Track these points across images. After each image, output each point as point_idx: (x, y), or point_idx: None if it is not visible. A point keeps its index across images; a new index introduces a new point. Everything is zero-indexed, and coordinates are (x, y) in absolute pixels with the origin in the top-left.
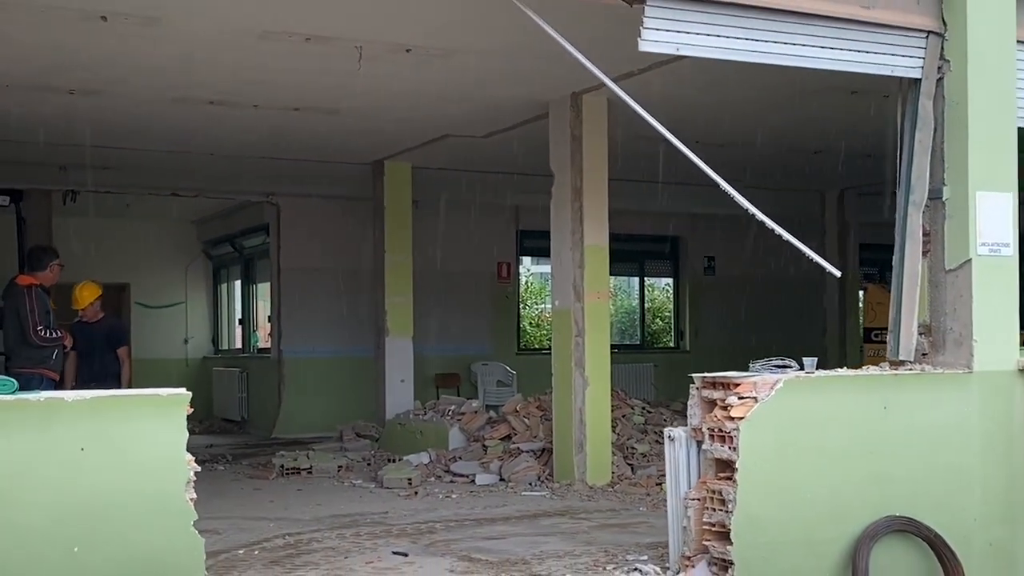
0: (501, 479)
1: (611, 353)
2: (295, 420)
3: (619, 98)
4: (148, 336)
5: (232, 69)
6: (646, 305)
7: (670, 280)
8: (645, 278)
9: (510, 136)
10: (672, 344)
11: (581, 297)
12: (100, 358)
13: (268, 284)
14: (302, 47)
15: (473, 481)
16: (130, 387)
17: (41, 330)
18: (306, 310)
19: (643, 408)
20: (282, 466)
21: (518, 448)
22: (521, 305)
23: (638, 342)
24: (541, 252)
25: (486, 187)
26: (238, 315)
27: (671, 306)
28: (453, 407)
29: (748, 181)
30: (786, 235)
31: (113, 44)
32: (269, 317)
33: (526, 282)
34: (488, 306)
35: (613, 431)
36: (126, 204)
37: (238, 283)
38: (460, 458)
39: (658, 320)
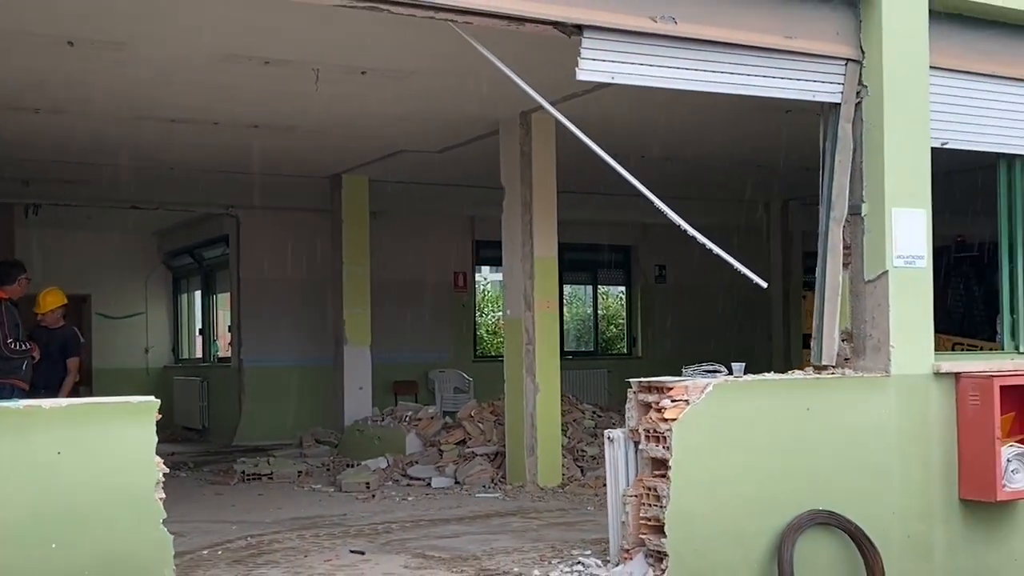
0: (456, 482)
1: (565, 360)
2: (255, 428)
3: (565, 116)
4: (109, 346)
5: (194, 89)
6: (600, 312)
7: (623, 288)
8: (598, 286)
9: (464, 151)
10: (625, 350)
11: (532, 307)
12: (52, 365)
13: (228, 294)
14: (262, 69)
15: (429, 484)
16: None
17: (11, 343)
18: (266, 320)
19: (594, 412)
20: (243, 472)
21: (472, 452)
22: (478, 313)
23: (592, 349)
24: (497, 262)
25: (442, 199)
26: (198, 325)
27: (624, 313)
28: (410, 413)
29: (695, 193)
30: (714, 247)
31: (79, 67)
32: (229, 327)
33: (483, 291)
34: (445, 315)
35: (564, 435)
36: (87, 217)
37: (198, 293)
38: (417, 462)
39: (612, 327)
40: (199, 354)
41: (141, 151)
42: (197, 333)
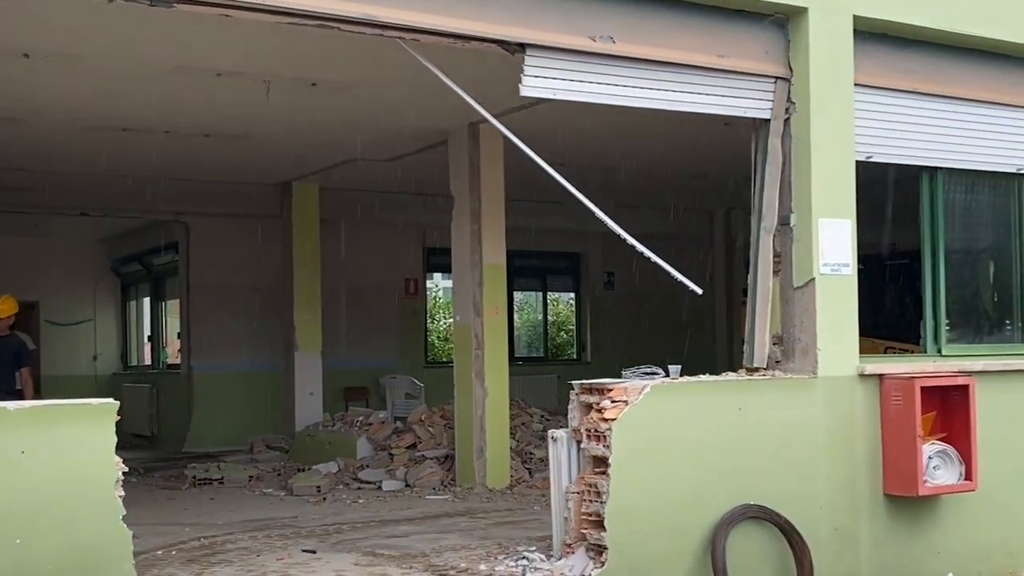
0: (407, 485)
1: (516, 365)
2: (206, 434)
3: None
4: (57, 353)
5: (146, 100)
6: (551, 319)
7: (572, 294)
8: (548, 293)
9: (414, 160)
10: (574, 356)
11: (480, 313)
12: (4, 371)
13: (177, 301)
14: (213, 81)
15: (380, 487)
16: None
17: None
18: (216, 326)
19: (542, 416)
20: (194, 477)
21: (423, 455)
22: (429, 320)
23: (542, 354)
24: (448, 268)
25: (393, 207)
26: (147, 332)
27: (574, 319)
28: (361, 418)
29: (644, 202)
30: (651, 255)
31: (33, 78)
32: (179, 334)
33: (434, 297)
34: (396, 321)
35: (513, 438)
36: (35, 223)
37: (147, 300)
38: (368, 466)
39: (562, 333)
40: (148, 361)
41: (92, 159)
42: (146, 340)
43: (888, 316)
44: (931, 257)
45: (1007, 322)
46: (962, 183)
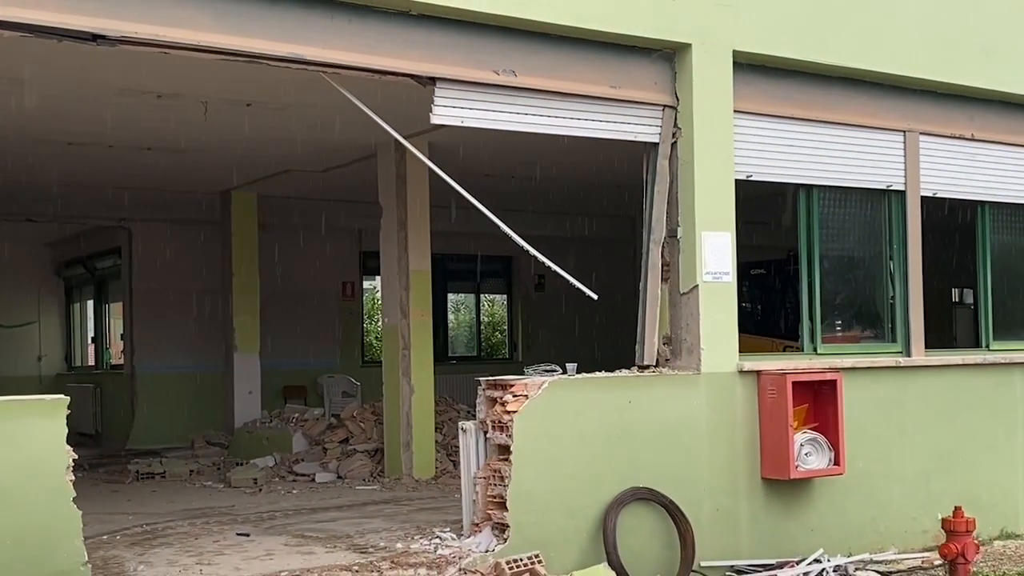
0: (338, 476)
1: (450, 364)
2: (148, 432)
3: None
4: (2, 354)
5: (90, 118)
6: (486, 319)
7: (505, 296)
8: (481, 295)
9: (346, 171)
10: (507, 355)
11: (407, 315)
12: None
13: (120, 304)
14: (154, 101)
15: (313, 479)
16: None
17: None
18: (158, 328)
19: (468, 412)
20: (137, 471)
21: (354, 449)
22: (366, 320)
23: (475, 353)
24: None
25: (330, 212)
26: (91, 334)
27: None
28: (296, 415)
29: (569, 208)
30: (547, 262)
31: None
32: (122, 335)
33: (371, 299)
34: (334, 322)
35: (439, 432)
36: None
37: (91, 303)
38: (303, 460)
39: (497, 333)
40: (92, 362)
41: (37, 169)
42: (90, 341)
43: (786, 318)
44: (807, 265)
45: (879, 323)
46: (837, 199)
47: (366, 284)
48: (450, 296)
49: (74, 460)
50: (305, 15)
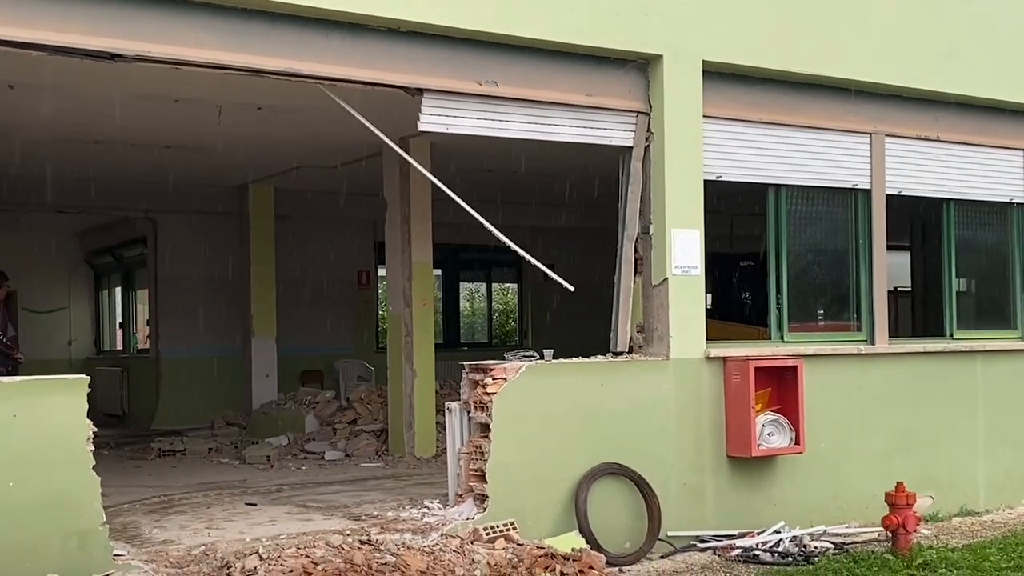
0: (346, 455)
1: (462, 351)
2: (172, 413)
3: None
4: (34, 339)
5: (116, 120)
6: (500, 307)
7: (515, 285)
8: (492, 284)
9: (357, 167)
10: (517, 342)
11: (410, 304)
12: None
13: (146, 291)
14: (172, 106)
15: (323, 457)
16: None
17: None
18: (182, 314)
19: None
20: (159, 449)
21: (361, 429)
22: (381, 308)
23: (486, 340)
24: None
25: (345, 204)
26: (119, 319)
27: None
28: (309, 397)
29: (573, 200)
30: (526, 255)
31: (18, 103)
32: (148, 321)
33: (385, 287)
34: (350, 310)
35: (441, 414)
36: (15, 219)
37: (118, 290)
38: (314, 439)
39: (510, 321)
40: (119, 346)
41: (67, 165)
42: (117, 327)
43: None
44: (775, 259)
45: (845, 313)
46: (804, 197)
47: (381, 273)
48: (463, 285)
49: (94, 432)
50: (303, 33)
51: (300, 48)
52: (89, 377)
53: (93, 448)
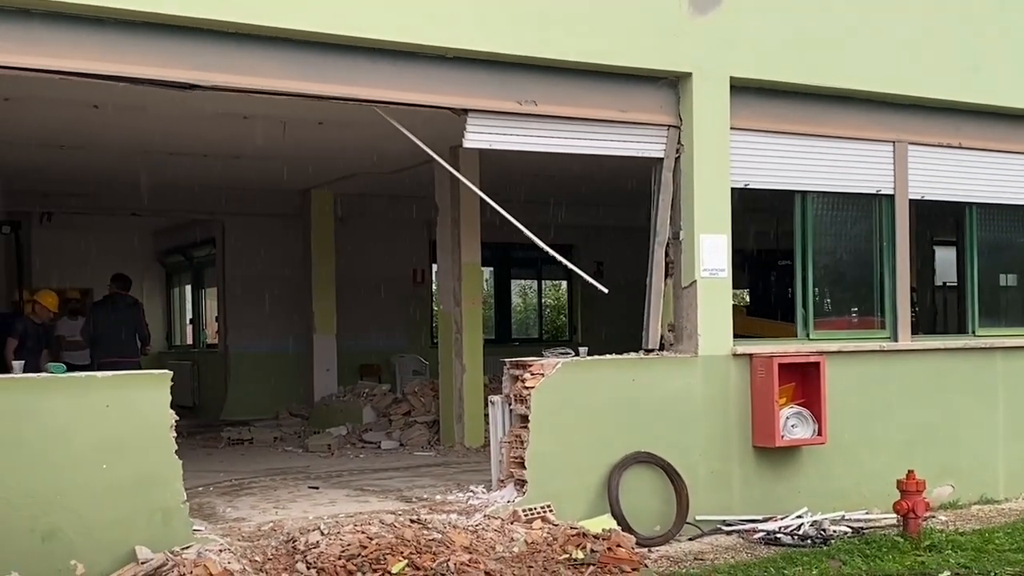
0: (401, 444)
1: (512, 346)
2: (239, 405)
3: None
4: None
5: (190, 134)
6: (552, 304)
7: (565, 282)
8: (543, 280)
9: (412, 172)
10: (567, 338)
11: (460, 303)
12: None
13: (215, 289)
14: (242, 121)
15: (379, 446)
16: None
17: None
18: (248, 311)
19: None
20: (228, 438)
21: (414, 420)
22: (434, 305)
23: (536, 336)
24: None
25: (400, 207)
26: (189, 315)
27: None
28: (367, 390)
29: (624, 200)
30: (562, 260)
31: (102, 121)
32: (216, 317)
33: (439, 285)
34: (406, 306)
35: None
36: (91, 222)
37: (188, 288)
38: (371, 429)
39: (561, 317)
40: (189, 341)
41: (142, 173)
42: (188, 322)
43: None
44: (801, 262)
45: (870, 312)
46: (830, 203)
47: (435, 268)
48: (515, 282)
49: (176, 420)
50: (357, 61)
51: (355, 75)
52: (171, 372)
53: (175, 434)
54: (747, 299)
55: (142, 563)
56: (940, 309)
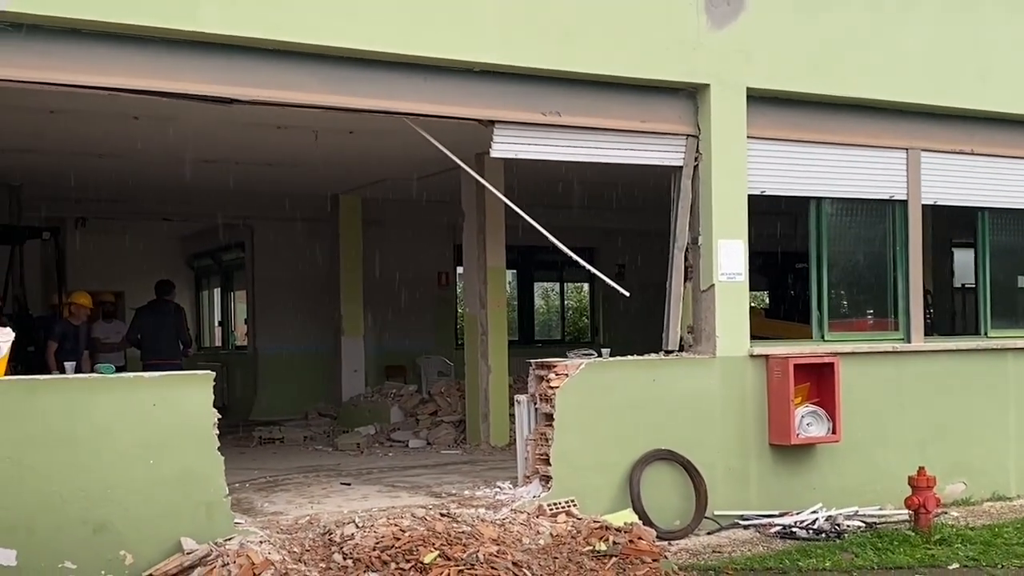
0: (427, 443)
1: (536, 347)
2: (269, 405)
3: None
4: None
5: (222, 143)
6: (575, 305)
7: (587, 284)
8: (565, 283)
9: (438, 178)
10: (589, 339)
11: (485, 306)
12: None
13: (244, 291)
14: (275, 131)
15: (407, 445)
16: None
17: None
18: (277, 313)
19: None
20: (260, 437)
21: (441, 420)
22: (459, 307)
23: (559, 337)
24: None
25: (426, 211)
26: (218, 318)
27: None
28: (394, 391)
29: (644, 204)
30: (583, 262)
31: (140, 132)
32: (245, 319)
33: (463, 287)
34: (431, 309)
35: (514, 406)
36: (124, 226)
37: (217, 290)
38: (398, 429)
39: (583, 318)
40: (218, 343)
41: (176, 180)
42: (216, 324)
43: None
44: (816, 265)
45: (884, 314)
46: (844, 208)
47: (459, 271)
48: (538, 284)
49: (219, 419)
50: (390, 76)
51: (389, 88)
52: (214, 373)
53: (217, 431)
54: (767, 301)
55: (187, 553)
56: (960, 310)
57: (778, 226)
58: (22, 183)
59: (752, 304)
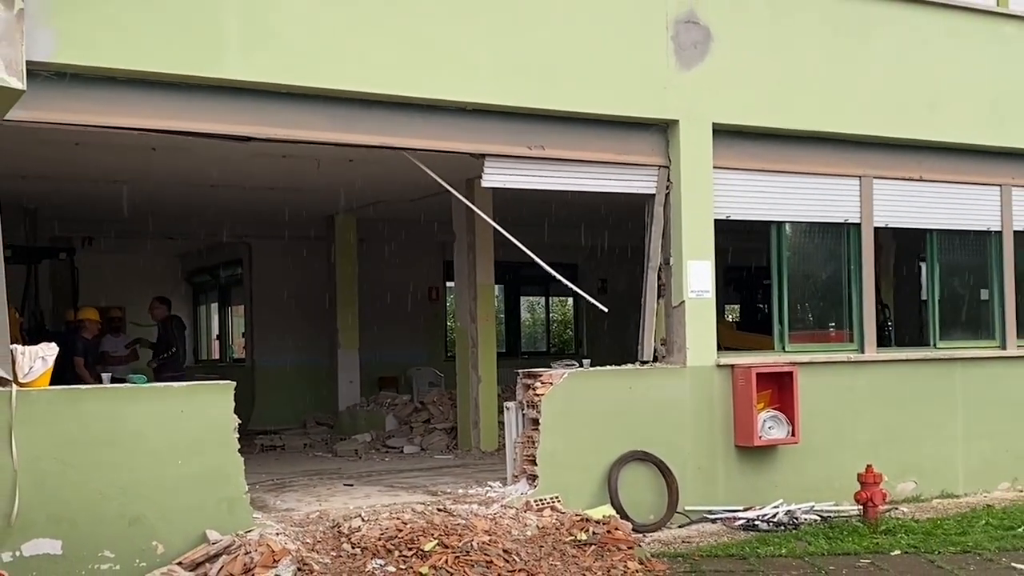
0: (421, 449)
1: (522, 359)
2: (267, 416)
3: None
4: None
5: (233, 171)
6: (560, 318)
7: (571, 298)
8: (550, 297)
9: (430, 201)
10: (573, 351)
11: (475, 320)
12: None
13: (242, 306)
14: (280, 160)
15: (402, 451)
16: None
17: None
18: (274, 328)
19: None
20: (261, 444)
21: (434, 427)
22: (449, 320)
23: (544, 349)
24: None
25: (418, 230)
26: (215, 332)
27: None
28: (389, 400)
29: (630, 220)
30: (562, 279)
31: (157, 160)
32: (243, 333)
33: (453, 302)
34: (422, 322)
35: (502, 414)
36: (125, 244)
37: (215, 305)
38: (393, 436)
39: (567, 331)
40: (216, 356)
41: (179, 201)
42: (215, 338)
43: None
44: (777, 283)
45: (839, 327)
46: (802, 231)
47: (449, 285)
48: (524, 298)
49: (239, 423)
50: (391, 114)
51: (389, 126)
52: (235, 383)
53: (238, 434)
54: (738, 315)
55: (212, 543)
56: (927, 322)
57: (751, 243)
58: (37, 206)
59: (729, 318)
